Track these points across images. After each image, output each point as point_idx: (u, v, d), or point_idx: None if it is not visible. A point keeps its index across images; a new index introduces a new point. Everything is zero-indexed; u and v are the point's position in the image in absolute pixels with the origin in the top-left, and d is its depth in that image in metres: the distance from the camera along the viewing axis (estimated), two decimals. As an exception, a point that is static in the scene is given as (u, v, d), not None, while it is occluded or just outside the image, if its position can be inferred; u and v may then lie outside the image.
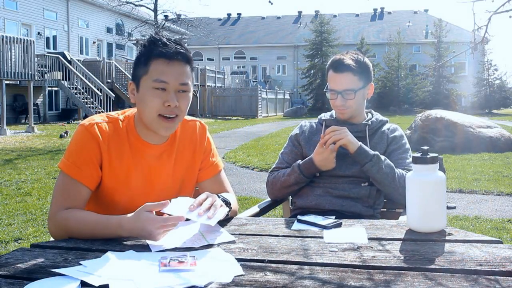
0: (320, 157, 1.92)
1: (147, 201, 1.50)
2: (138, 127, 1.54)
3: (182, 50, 1.45)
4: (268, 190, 2.12)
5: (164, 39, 1.45)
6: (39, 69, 17.75)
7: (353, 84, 1.98)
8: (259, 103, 27.88)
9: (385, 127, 2.08)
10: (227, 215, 1.49)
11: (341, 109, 2.02)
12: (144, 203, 1.49)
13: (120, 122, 1.53)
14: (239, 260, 1.13)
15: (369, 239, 1.30)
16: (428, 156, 1.32)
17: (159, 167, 1.56)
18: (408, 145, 2.06)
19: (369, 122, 2.06)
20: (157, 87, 1.43)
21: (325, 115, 2.18)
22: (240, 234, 1.36)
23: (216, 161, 1.71)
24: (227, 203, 1.48)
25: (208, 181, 1.68)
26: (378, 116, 2.14)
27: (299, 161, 2.00)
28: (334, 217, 1.52)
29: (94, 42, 26.95)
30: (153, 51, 1.44)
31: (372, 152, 1.90)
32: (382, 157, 1.91)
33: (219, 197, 1.46)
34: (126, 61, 25.70)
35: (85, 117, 20.33)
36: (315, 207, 1.96)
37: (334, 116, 2.14)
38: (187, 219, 1.46)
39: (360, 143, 1.91)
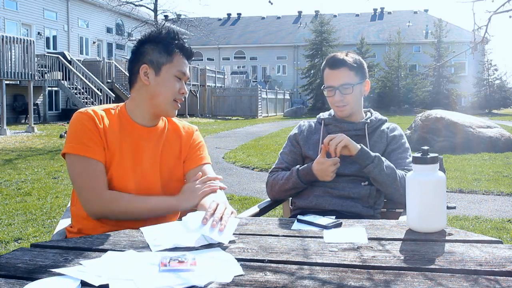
0: (319, 167, 1.91)
1: (135, 180, 1.62)
2: (130, 110, 1.67)
3: (193, 49, 1.70)
4: (268, 191, 2.12)
5: (179, 35, 1.68)
6: (39, 69, 17.74)
7: (350, 79, 1.99)
8: (259, 103, 27.89)
9: (384, 126, 2.08)
10: None
11: (339, 105, 2.01)
12: (133, 182, 1.61)
13: (111, 109, 1.67)
14: (239, 260, 1.13)
15: (369, 239, 1.30)
16: (428, 156, 1.32)
17: (148, 149, 1.66)
18: (407, 145, 2.06)
19: (368, 120, 2.05)
20: (178, 76, 1.65)
21: (323, 114, 2.17)
22: (240, 234, 1.36)
23: (203, 154, 1.77)
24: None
25: (194, 171, 1.71)
26: (377, 115, 2.13)
27: (298, 166, 2.00)
28: (334, 217, 1.52)
29: (94, 42, 26.95)
30: (176, 44, 1.65)
31: (373, 153, 1.90)
32: (383, 158, 1.91)
33: None
34: (126, 61, 25.69)
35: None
36: (315, 207, 1.96)
37: (333, 114, 2.13)
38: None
39: (361, 145, 1.90)
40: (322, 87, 2.08)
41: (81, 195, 1.55)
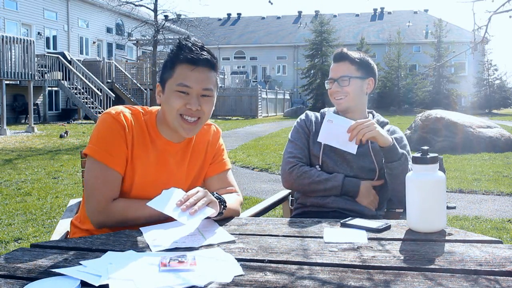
0: (368, 190, 1.94)
1: (158, 194, 1.53)
2: (158, 124, 1.61)
3: (206, 56, 1.52)
4: (288, 178, 2.00)
5: (190, 45, 1.52)
6: (39, 69, 17.75)
7: (350, 72, 2.01)
8: (259, 103, 27.87)
9: (385, 129, 2.08)
10: (221, 213, 1.47)
11: (337, 97, 2.03)
12: (155, 195, 1.52)
13: (142, 115, 1.61)
14: (239, 260, 1.13)
15: (369, 239, 1.30)
16: (428, 156, 1.32)
17: (174, 164, 1.62)
18: (408, 147, 2.06)
19: None
20: (180, 91, 1.50)
21: (329, 110, 2.14)
22: (240, 234, 1.36)
23: (225, 160, 1.76)
24: (222, 201, 1.47)
25: (215, 178, 1.71)
26: (379, 117, 2.14)
27: (344, 175, 1.96)
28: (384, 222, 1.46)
29: (94, 42, 26.94)
30: (179, 56, 1.51)
31: (400, 150, 1.87)
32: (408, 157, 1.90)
33: (213, 194, 1.46)
34: (126, 61, 25.68)
35: (85, 117, 20.37)
36: (319, 204, 1.96)
37: (338, 112, 2.12)
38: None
39: (392, 139, 1.86)
40: (325, 81, 2.11)
41: (88, 202, 1.51)
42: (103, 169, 1.50)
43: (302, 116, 2.15)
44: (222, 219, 1.49)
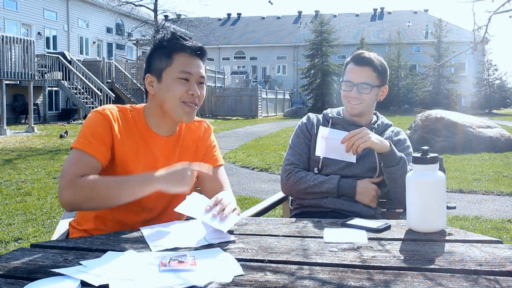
0: (364, 185, 1.92)
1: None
2: (147, 118, 1.62)
3: (201, 45, 1.59)
4: (286, 184, 2.01)
5: (184, 35, 1.59)
6: (39, 69, 17.75)
7: (371, 79, 1.97)
8: (259, 103, 27.88)
9: (389, 130, 2.09)
10: None
11: (354, 102, 1.99)
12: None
13: (129, 112, 1.62)
14: (239, 260, 1.13)
15: (369, 239, 1.30)
16: (428, 156, 1.32)
17: (163, 158, 1.62)
18: (411, 149, 2.05)
19: (376, 126, 2.05)
20: (182, 77, 1.55)
21: (332, 112, 2.13)
22: (240, 234, 1.36)
23: (216, 156, 1.75)
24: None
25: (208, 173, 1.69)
26: (383, 119, 2.13)
27: (340, 176, 1.95)
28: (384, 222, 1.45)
29: (94, 42, 26.95)
30: (176, 45, 1.56)
31: (398, 154, 1.86)
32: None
33: None
34: (126, 61, 25.68)
35: (85, 117, 20.36)
36: (317, 205, 1.96)
37: (342, 115, 2.11)
38: (187, 218, 1.47)
39: (390, 144, 1.84)
40: (340, 80, 2.06)
41: (59, 183, 1.48)
42: (79, 154, 1.49)
43: (304, 119, 2.13)
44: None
